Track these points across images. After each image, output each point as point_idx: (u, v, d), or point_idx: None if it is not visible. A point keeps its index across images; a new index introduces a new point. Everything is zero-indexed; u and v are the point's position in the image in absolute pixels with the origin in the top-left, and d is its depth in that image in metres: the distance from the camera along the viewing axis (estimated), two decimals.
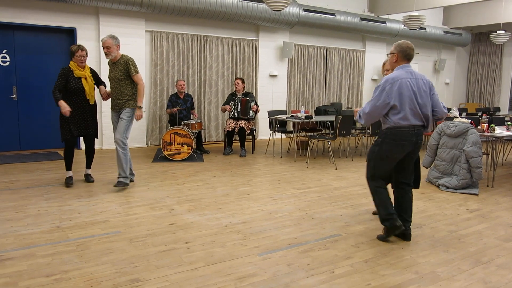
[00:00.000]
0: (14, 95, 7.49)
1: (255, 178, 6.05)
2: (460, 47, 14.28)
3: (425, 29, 12.01)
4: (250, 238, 3.73)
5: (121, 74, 5.15)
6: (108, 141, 8.22)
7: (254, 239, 3.71)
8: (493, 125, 5.98)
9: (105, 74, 8.01)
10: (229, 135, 7.99)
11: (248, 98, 7.69)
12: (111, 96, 5.33)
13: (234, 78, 8.97)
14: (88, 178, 5.62)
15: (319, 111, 9.10)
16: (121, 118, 5.20)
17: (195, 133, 7.58)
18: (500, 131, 6.09)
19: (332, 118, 7.96)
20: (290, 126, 9.58)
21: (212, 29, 9.18)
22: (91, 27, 7.87)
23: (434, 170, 5.94)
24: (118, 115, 5.28)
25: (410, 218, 3.78)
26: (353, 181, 5.92)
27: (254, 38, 9.70)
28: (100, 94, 5.47)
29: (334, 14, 10.11)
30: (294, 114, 7.73)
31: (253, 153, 8.15)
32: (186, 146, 7.05)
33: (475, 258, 3.43)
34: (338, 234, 3.89)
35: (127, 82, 5.19)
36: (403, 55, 3.64)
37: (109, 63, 5.33)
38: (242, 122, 7.74)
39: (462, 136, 5.62)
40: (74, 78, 5.15)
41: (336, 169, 6.86)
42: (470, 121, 5.80)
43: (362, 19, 10.66)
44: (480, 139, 5.55)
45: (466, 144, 5.52)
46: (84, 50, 5.17)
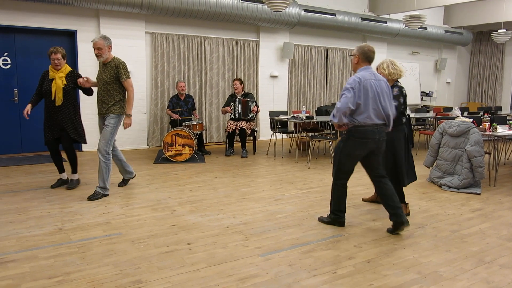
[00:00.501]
0: (16, 98, 7.50)
1: (257, 179, 6.05)
2: (461, 46, 14.26)
3: (426, 28, 12.00)
4: (252, 239, 3.73)
5: (110, 77, 4.87)
6: None
7: (256, 240, 3.71)
8: (495, 124, 5.97)
9: None
10: (230, 136, 8.00)
11: (248, 99, 7.70)
12: (97, 99, 4.98)
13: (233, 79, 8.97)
14: (69, 183, 5.36)
15: (320, 111, 9.10)
16: (105, 126, 4.88)
17: (197, 134, 7.59)
18: (502, 130, 6.08)
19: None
20: (291, 127, 9.57)
21: (212, 30, 9.18)
22: (92, 29, 7.88)
23: (436, 170, 5.93)
24: (103, 121, 4.99)
25: (399, 204, 3.89)
26: (354, 181, 5.91)
27: (255, 39, 9.70)
28: (79, 86, 5.12)
29: (334, 14, 10.11)
30: (295, 115, 7.72)
31: (254, 153, 8.14)
32: (187, 147, 7.05)
33: (478, 258, 3.42)
34: (340, 235, 3.88)
35: (115, 87, 4.90)
36: (364, 57, 3.84)
37: (99, 64, 5.11)
38: (243, 123, 7.74)
39: (464, 135, 5.61)
40: (47, 80, 5.09)
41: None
42: (472, 120, 5.79)
43: (362, 19, 10.65)
44: (482, 139, 5.54)
45: (468, 143, 5.51)
46: (58, 53, 4.99)
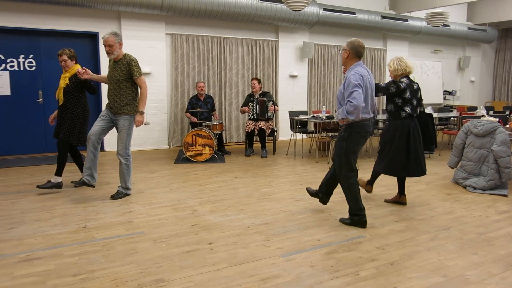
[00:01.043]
0: (40, 99, 7.66)
1: (277, 179, 6.03)
2: (485, 44, 13.95)
3: (448, 26, 11.78)
4: (273, 239, 3.71)
5: (122, 75, 4.74)
6: (131, 142, 8.28)
7: (277, 240, 3.69)
8: None
9: None
10: (249, 136, 7.99)
11: (265, 99, 7.69)
12: (109, 97, 4.87)
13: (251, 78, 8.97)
14: (46, 183, 5.17)
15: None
16: (120, 128, 4.82)
17: (217, 134, 7.61)
18: None
19: None
20: (311, 127, 9.51)
21: (231, 30, 9.20)
22: None
23: (461, 171, 5.80)
24: (112, 117, 4.88)
25: (333, 189, 4.38)
26: (376, 181, 5.83)
27: (274, 39, 9.68)
28: (85, 84, 5.09)
29: (354, 13, 10.01)
30: (315, 115, 7.67)
31: (274, 154, 8.12)
32: (207, 148, 7.08)
33: (506, 261, 3.33)
34: (362, 236, 3.83)
35: (128, 85, 4.78)
36: (354, 52, 3.93)
37: (109, 62, 4.97)
38: (262, 123, 7.73)
39: (490, 135, 5.48)
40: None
41: (358, 169, 6.77)
42: (498, 119, 5.65)
43: (383, 17, 10.52)
44: (508, 138, 5.39)
45: (494, 143, 5.38)
46: (63, 55, 5.04)
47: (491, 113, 9.52)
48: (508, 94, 14.16)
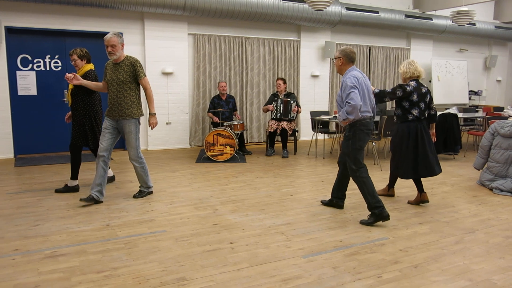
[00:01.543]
0: (65, 99, 7.81)
1: (298, 179, 6.00)
2: None
3: (474, 24, 11.51)
4: (294, 240, 3.70)
5: (126, 76, 4.61)
6: (154, 142, 8.43)
7: (299, 241, 3.67)
8: None
9: (151, 78, 8.21)
10: (271, 136, 7.98)
11: (289, 99, 7.66)
12: (110, 102, 4.69)
13: (276, 78, 8.94)
14: (64, 187, 5.20)
15: None
16: (127, 133, 4.71)
17: (238, 134, 7.63)
18: None
19: (376, 118, 7.78)
20: (332, 127, 9.44)
21: (253, 30, 9.20)
22: (137, 32, 8.09)
23: (487, 172, 5.66)
24: (116, 125, 4.74)
25: (345, 190, 4.59)
26: (399, 182, 5.74)
27: (296, 39, 9.64)
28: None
29: (377, 12, 9.88)
30: (336, 115, 7.60)
31: (295, 154, 8.09)
32: (228, 147, 7.10)
33: None
34: (385, 238, 3.78)
35: (132, 86, 4.67)
36: (347, 58, 4.21)
37: (108, 64, 4.76)
38: (284, 123, 7.70)
39: None
40: None
41: (381, 170, 6.69)
42: None
43: (407, 16, 10.35)
44: None
45: None
46: (74, 55, 4.98)
47: None
48: None
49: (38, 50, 7.57)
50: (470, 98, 12.76)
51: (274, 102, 7.83)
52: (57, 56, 7.69)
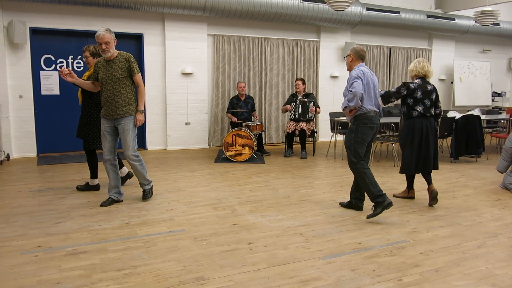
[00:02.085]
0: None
1: (317, 181, 5.97)
2: None
3: (498, 24, 11.27)
4: (313, 241, 3.68)
5: (121, 72, 4.42)
6: (173, 142, 8.50)
7: (317, 242, 3.65)
8: None
9: (171, 78, 8.29)
10: (289, 137, 7.96)
11: (307, 99, 7.63)
12: (105, 101, 4.50)
13: (295, 79, 8.92)
14: (84, 185, 5.26)
15: (383, 113, 8.81)
16: (124, 131, 4.53)
17: (256, 134, 7.63)
18: None
19: (396, 119, 7.69)
20: None
21: (272, 31, 9.20)
22: (157, 33, 8.17)
23: (511, 176, 5.53)
24: (113, 125, 4.57)
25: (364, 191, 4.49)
26: (419, 185, 5.66)
27: (315, 39, 9.60)
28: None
29: (398, 12, 9.76)
30: None
31: (314, 155, 8.05)
32: (247, 148, 7.11)
33: None
34: (405, 241, 3.73)
35: (127, 83, 4.49)
36: (357, 56, 4.38)
37: (99, 62, 4.55)
38: (303, 124, 7.68)
39: None
40: None
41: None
42: None
43: (428, 17, 10.20)
44: None
45: None
46: (86, 51, 4.91)
47: None
48: None
49: (61, 51, 7.72)
50: (493, 100, 12.50)
51: (292, 103, 7.82)
52: (79, 56, 7.82)
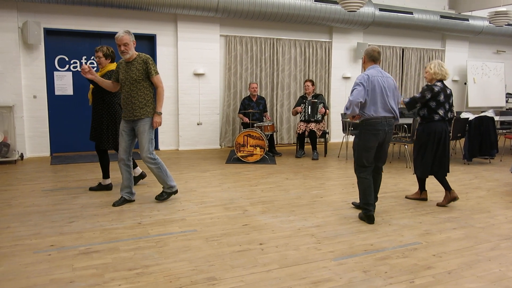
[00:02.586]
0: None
1: (328, 182, 5.95)
2: None
3: None
4: (324, 242, 3.66)
5: (139, 74, 4.45)
6: (184, 142, 8.54)
7: (329, 244, 3.64)
8: None
9: (183, 79, 8.33)
10: (300, 138, 7.95)
11: (316, 100, 7.62)
12: (124, 102, 4.55)
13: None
14: (99, 186, 5.30)
15: None
16: (140, 133, 4.53)
17: (268, 135, 7.63)
18: None
19: (409, 120, 7.62)
20: None
21: (284, 32, 9.19)
22: (170, 33, 8.22)
23: None
24: (131, 126, 4.61)
25: (377, 193, 4.48)
26: (432, 187, 5.61)
27: (327, 40, 9.57)
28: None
29: (411, 13, 9.69)
30: None
31: (325, 156, 8.03)
32: (258, 148, 7.11)
33: None
34: (418, 242, 3.70)
35: (146, 85, 4.51)
36: (369, 57, 4.26)
37: (120, 63, 4.60)
38: (312, 125, 7.66)
39: None
40: None
41: (413, 173, 6.54)
42: None
43: (442, 17, 10.10)
44: None
45: None
46: (99, 52, 4.93)
47: None
48: None
49: (74, 51, 7.80)
50: (507, 101, 12.33)
51: (302, 104, 7.81)
52: (92, 57, 7.90)
